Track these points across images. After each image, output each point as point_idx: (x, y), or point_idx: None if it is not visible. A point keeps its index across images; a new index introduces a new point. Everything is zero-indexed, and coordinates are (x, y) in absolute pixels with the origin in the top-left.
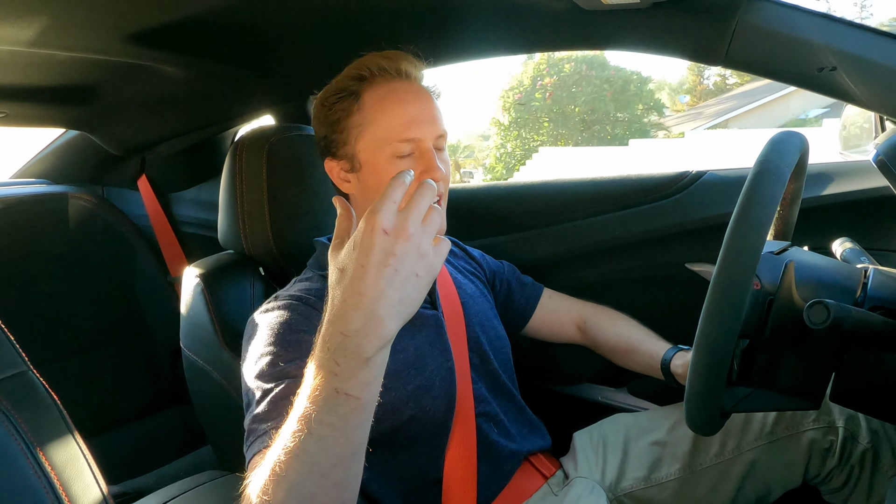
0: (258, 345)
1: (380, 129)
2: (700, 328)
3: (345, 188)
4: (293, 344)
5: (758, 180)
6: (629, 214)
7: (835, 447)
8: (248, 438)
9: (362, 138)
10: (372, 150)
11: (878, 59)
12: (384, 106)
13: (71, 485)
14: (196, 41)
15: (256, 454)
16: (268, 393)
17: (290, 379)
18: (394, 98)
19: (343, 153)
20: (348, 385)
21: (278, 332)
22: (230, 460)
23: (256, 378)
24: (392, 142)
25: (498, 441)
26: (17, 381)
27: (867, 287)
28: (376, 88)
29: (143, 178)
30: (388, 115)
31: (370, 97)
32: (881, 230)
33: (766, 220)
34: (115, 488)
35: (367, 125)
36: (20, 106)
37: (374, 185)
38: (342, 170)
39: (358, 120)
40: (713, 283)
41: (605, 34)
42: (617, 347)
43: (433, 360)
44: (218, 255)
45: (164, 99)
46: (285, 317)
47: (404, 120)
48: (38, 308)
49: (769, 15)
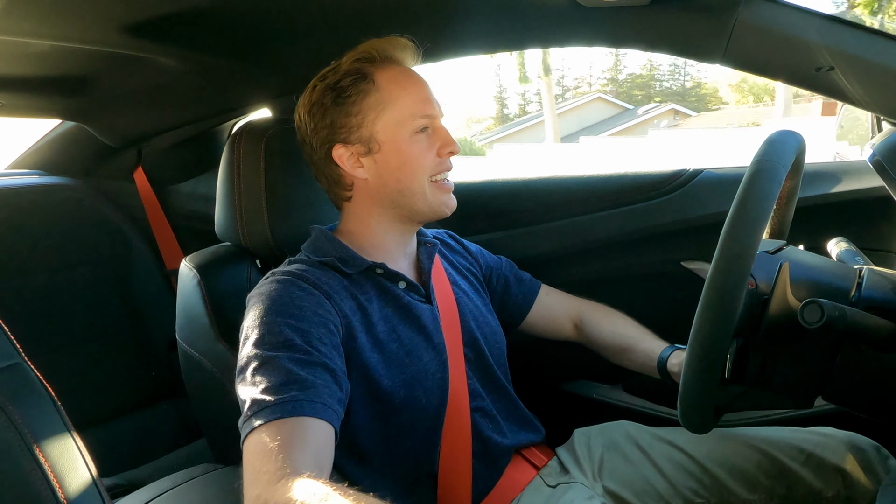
0: (258, 314)
1: (399, 108)
2: (694, 327)
3: (357, 174)
4: (296, 316)
5: (754, 180)
6: (625, 212)
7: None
8: (250, 408)
9: (381, 119)
10: (393, 129)
11: (876, 59)
12: (400, 85)
13: (65, 476)
14: (193, 33)
15: (265, 424)
16: (270, 362)
17: (292, 350)
18: (406, 77)
19: (357, 137)
20: None
21: (280, 303)
22: (225, 453)
23: (256, 346)
24: (414, 118)
25: (492, 437)
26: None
27: (861, 287)
28: (387, 70)
29: (140, 170)
30: (405, 93)
31: (383, 78)
32: (876, 230)
33: (761, 222)
34: (110, 480)
35: (385, 105)
36: (16, 96)
37: (397, 163)
38: (355, 154)
39: (376, 100)
40: (708, 282)
41: (604, 31)
42: (613, 345)
43: (427, 352)
44: (214, 248)
45: (160, 91)
46: (287, 290)
47: (421, 96)
48: (33, 300)
49: (768, 14)
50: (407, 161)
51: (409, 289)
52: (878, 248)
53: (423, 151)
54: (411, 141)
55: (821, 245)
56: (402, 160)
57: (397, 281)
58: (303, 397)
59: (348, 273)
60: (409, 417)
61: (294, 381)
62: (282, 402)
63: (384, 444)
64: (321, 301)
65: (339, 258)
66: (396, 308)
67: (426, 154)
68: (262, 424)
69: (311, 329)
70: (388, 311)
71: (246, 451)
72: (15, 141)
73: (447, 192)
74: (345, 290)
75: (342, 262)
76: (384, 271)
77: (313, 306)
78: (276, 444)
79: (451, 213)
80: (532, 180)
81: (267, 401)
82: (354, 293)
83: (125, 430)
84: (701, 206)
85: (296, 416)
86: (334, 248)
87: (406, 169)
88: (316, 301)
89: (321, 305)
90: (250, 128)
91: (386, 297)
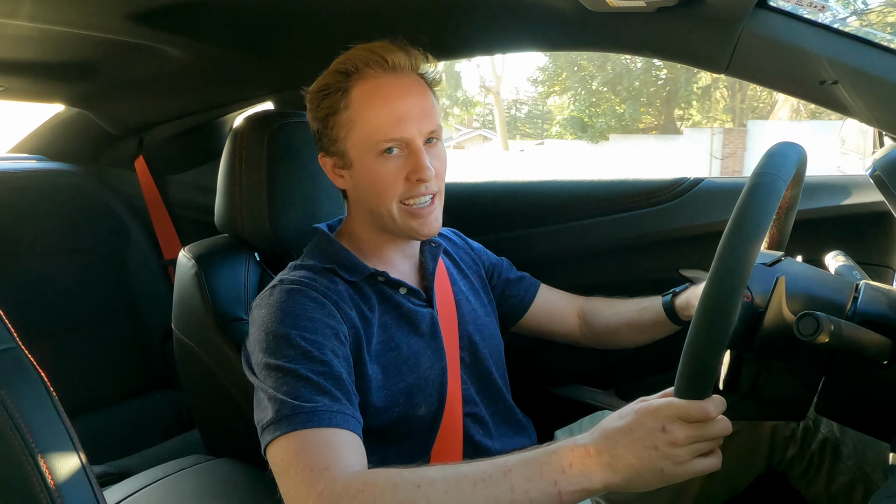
0: (273, 327)
1: (367, 129)
2: (689, 337)
3: (339, 183)
4: (310, 329)
5: (753, 193)
6: (625, 218)
7: (796, 435)
8: (281, 415)
9: (351, 136)
10: (361, 149)
11: (880, 74)
12: (371, 105)
13: (55, 462)
14: (199, 23)
15: (299, 431)
16: (294, 374)
17: (311, 362)
18: (381, 95)
19: (335, 150)
20: (559, 479)
21: (294, 316)
22: (216, 445)
23: (277, 358)
24: (379, 141)
25: (482, 441)
26: (5, 356)
27: (858, 301)
28: (363, 83)
29: (141, 159)
30: (374, 114)
31: (357, 94)
32: (874, 245)
33: (759, 235)
34: (100, 468)
35: (354, 123)
36: (20, 80)
37: (367, 183)
38: (335, 165)
39: (346, 118)
40: (704, 293)
41: (609, 36)
42: (619, 325)
43: (427, 358)
44: (213, 239)
45: (164, 80)
46: (299, 301)
47: (392, 118)
48: (30, 285)
49: (774, 26)
50: (374, 181)
51: (410, 294)
52: (875, 262)
53: (393, 173)
54: (377, 162)
55: (818, 258)
56: (371, 179)
57: (398, 287)
58: (335, 408)
59: (351, 280)
60: (406, 424)
61: (324, 392)
62: (317, 412)
63: (378, 447)
64: (331, 311)
65: (340, 265)
66: (397, 316)
67: (395, 176)
68: (299, 430)
69: (325, 341)
70: (389, 318)
71: (279, 456)
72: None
73: (418, 217)
74: (350, 300)
75: (344, 268)
76: (386, 279)
77: (324, 317)
78: (319, 448)
79: (426, 237)
80: (532, 183)
81: (304, 407)
82: (358, 302)
83: (117, 419)
84: (701, 214)
85: (332, 427)
86: (336, 253)
87: (375, 189)
88: (327, 311)
89: (332, 316)
90: (253, 120)
91: (387, 304)
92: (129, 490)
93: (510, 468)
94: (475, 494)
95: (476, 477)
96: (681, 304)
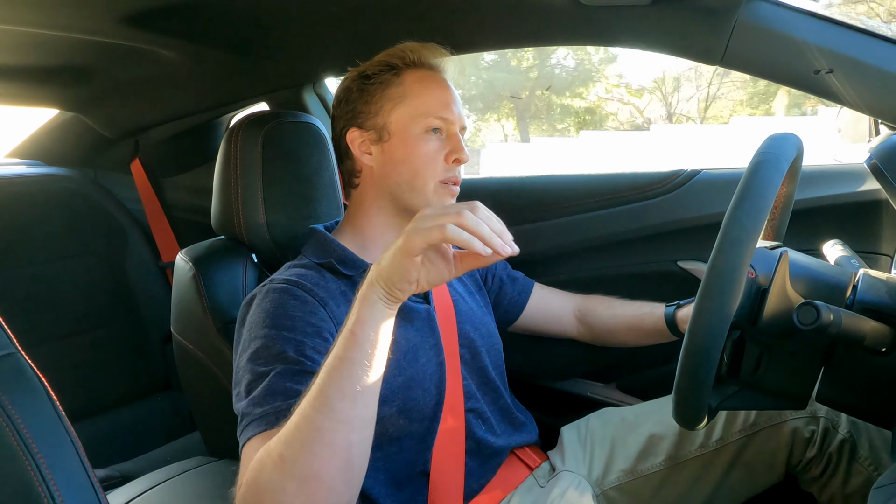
0: (253, 327)
1: (416, 104)
2: (694, 312)
3: (364, 160)
4: (288, 327)
5: (757, 169)
6: (622, 211)
7: (815, 437)
8: (241, 422)
9: (397, 110)
10: (406, 122)
11: (875, 62)
12: (424, 85)
13: (57, 468)
14: (192, 25)
15: (252, 438)
16: (262, 376)
17: (284, 363)
18: (434, 81)
19: (372, 123)
20: (352, 324)
21: (274, 315)
22: (218, 447)
23: (250, 360)
24: (428, 116)
25: (485, 437)
26: (5, 362)
27: (857, 290)
28: (416, 71)
29: (137, 161)
30: (427, 92)
31: (410, 76)
32: (872, 233)
33: (764, 207)
34: (102, 472)
35: (405, 98)
36: (13, 85)
37: (401, 156)
38: (367, 140)
39: (396, 93)
40: (709, 267)
41: (604, 30)
42: (617, 327)
43: (424, 353)
44: (211, 241)
45: (159, 82)
46: (281, 300)
47: (443, 101)
48: (28, 290)
49: (768, 15)
50: (410, 156)
51: None
52: (873, 251)
53: (432, 153)
54: (420, 138)
55: (816, 248)
56: (407, 154)
57: None
58: (285, 407)
59: (348, 275)
60: (405, 419)
61: (279, 392)
62: (265, 415)
63: (378, 443)
64: (315, 309)
65: (337, 260)
66: None
67: (435, 157)
68: (252, 437)
69: (305, 339)
70: None
71: (241, 462)
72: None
73: (452, 196)
74: (342, 296)
75: (341, 263)
76: None
77: (306, 315)
78: (247, 458)
79: None
80: (529, 178)
81: (255, 413)
82: (351, 298)
83: (119, 422)
84: (698, 206)
85: (278, 428)
86: (333, 249)
87: (409, 163)
88: (309, 310)
89: (314, 314)
90: (248, 121)
91: None
92: (132, 493)
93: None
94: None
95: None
96: (682, 318)
